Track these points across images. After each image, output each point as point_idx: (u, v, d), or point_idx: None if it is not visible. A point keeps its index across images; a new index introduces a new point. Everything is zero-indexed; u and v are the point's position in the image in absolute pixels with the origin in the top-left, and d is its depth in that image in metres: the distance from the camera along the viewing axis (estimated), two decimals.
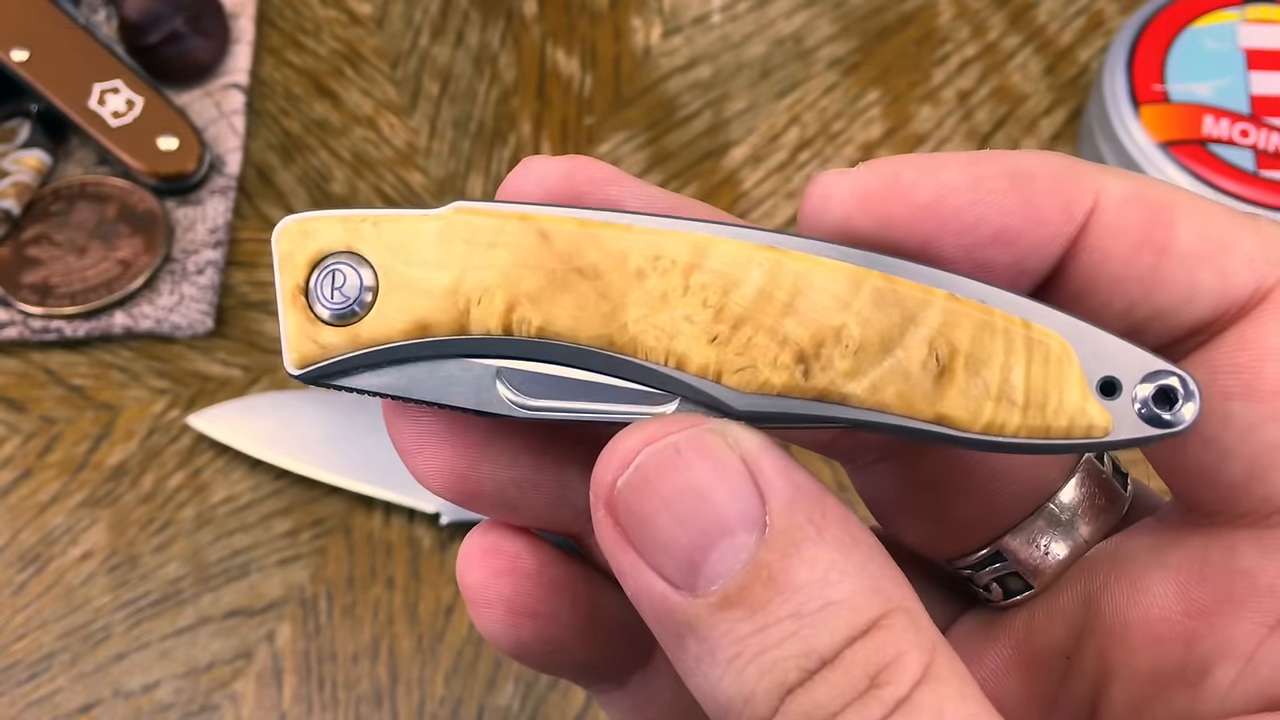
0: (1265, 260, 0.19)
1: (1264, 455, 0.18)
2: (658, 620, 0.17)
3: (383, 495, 0.44)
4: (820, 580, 0.17)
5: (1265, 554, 0.19)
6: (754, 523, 0.17)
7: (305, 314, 0.19)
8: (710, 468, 0.17)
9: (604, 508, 0.18)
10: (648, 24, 0.55)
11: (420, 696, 0.41)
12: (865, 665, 0.17)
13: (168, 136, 0.49)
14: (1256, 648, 0.18)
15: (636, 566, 0.17)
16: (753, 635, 0.17)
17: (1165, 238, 0.19)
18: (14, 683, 0.42)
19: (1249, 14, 0.49)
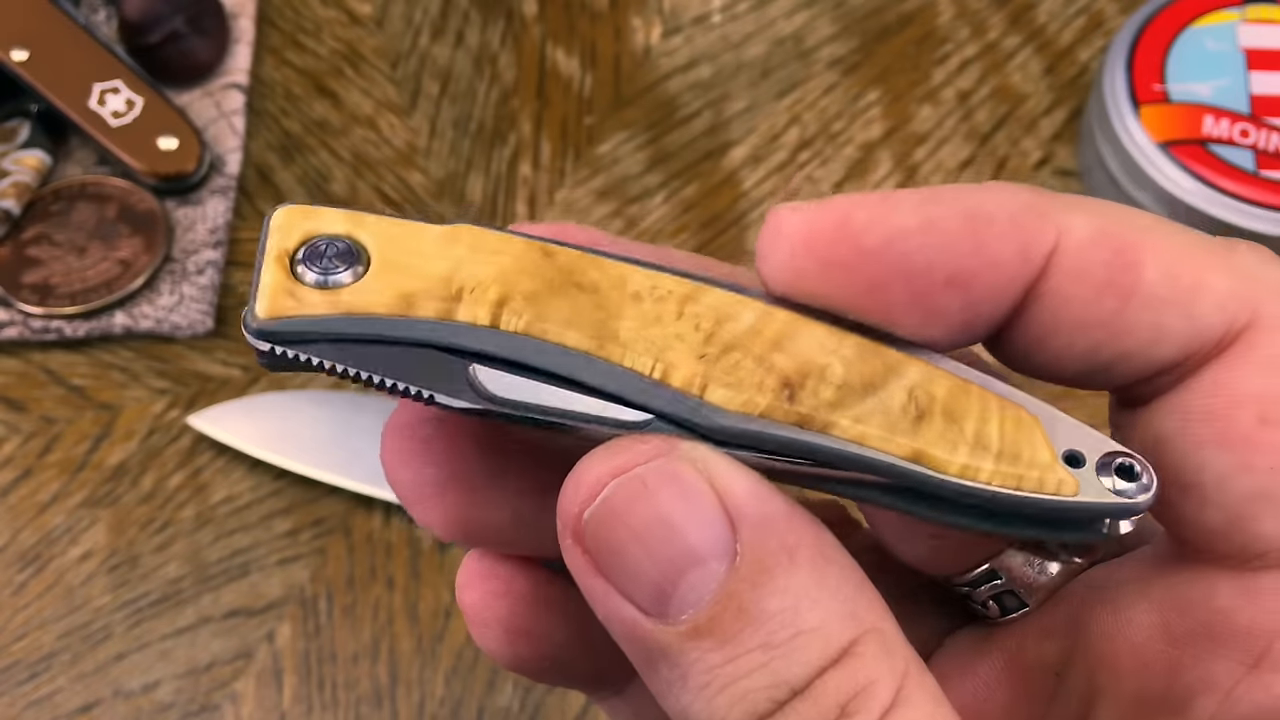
0: (1236, 300, 0.18)
1: (1239, 505, 0.18)
2: (629, 644, 0.17)
3: (383, 495, 0.44)
4: (791, 608, 0.17)
5: (1243, 595, 0.18)
6: (724, 551, 0.17)
7: (287, 273, 0.18)
8: (679, 498, 0.17)
9: (571, 536, 0.17)
10: (648, 24, 0.55)
11: (420, 696, 0.41)
12: (836, 695, 0.16)
13: (168, 136, 0.49)
14: (1235, 685, 0.18)
15: (606, 593, 0.17)
16: (723, 665, 0.17)
17: (1131, 281, 0.18)
18: (14, 683, 0.42)
19: (1249, 14, 0.49)
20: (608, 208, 0.50)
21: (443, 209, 0.50)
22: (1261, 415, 0.18)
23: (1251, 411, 0.18)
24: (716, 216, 0.50)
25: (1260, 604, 0.18)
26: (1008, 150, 0.51)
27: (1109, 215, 0.19)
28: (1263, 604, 0.18)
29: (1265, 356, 0.18)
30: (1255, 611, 0.18)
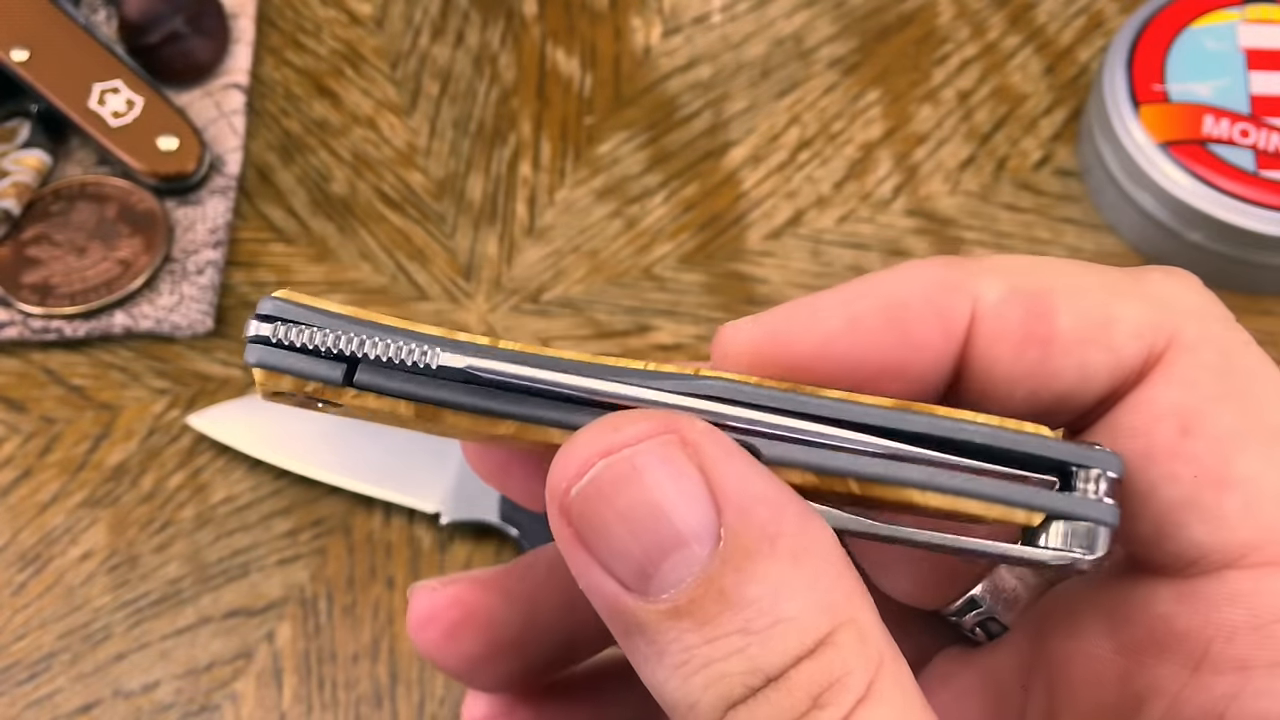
0: (1151, 327, 0.19)
1: (1167, 514, 0.19)
2: (609, 617, 0.18)
3: (383, 495, 0.44)
4: (770, 595, 0.17)
5: (1180, 601, 0.19)
6: (708, 535, 0.17)
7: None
8: (667, 481, 0.17)
9: (558, 511, 0.18)
10: (648, 24, 0.55)
11: (420, 696, 0.41)
12: (809, 685, 0.17)
13: (168, 136, 0.49)
14: (1180, 689, 0.19)
15: (589, 566, 0.18)
16: (701, 646, 0.17)
17: (1047, 329, 0.19)
18: (14, 683, 0.42)
19: (1249, 14, 0.49)
20: (608, 208, 0.50)
21: (443, 209, 0.50)
22: (1183, 427, 0.19)
23: (1172, 424, 0.19)
24: (716, 216, 0.50)
25: (1196, 609, 0.19)
26: (1008, 150, 0.51)
27: (1018, 271, 0.20)
28: (1198, 609, 0.19)
29: (1183, 373, 0.19)
30: (1192, 616, 0.19)
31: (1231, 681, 0.19)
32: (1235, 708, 0.19)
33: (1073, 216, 0.50)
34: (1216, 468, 0.19)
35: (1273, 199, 0.45)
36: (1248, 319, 0.51)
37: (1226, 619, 0.19)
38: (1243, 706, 0.18)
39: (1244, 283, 0.47)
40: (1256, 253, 0.46)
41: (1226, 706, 0.19)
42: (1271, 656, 0.18)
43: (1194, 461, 0.19)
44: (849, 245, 0.49)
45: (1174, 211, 0.46)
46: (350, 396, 0.19)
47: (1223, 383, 0.19)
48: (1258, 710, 0.18)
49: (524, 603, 0.24)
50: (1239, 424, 0.19)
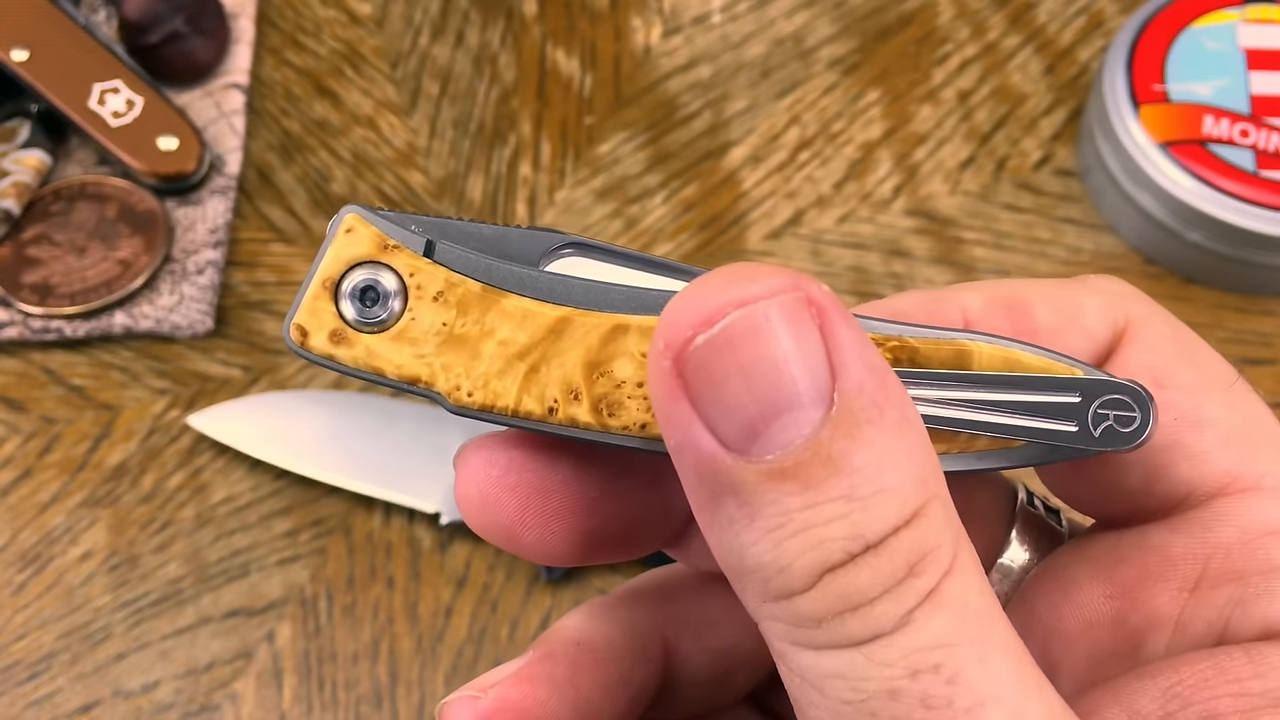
0: (1111, 309, 0.22)
1: (1152, 457, 0.21)
2: (699, 476, 0.17)
3: (383, 495, 0.44)
4: (876, 464, 0.17)
5: (1174, 531, 0.21)
6: (822, 399, 0.17)
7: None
8: (794, 340, 0.17)
9: (671, 358, 0.17)
10: (648, 24, 0.55)
11: (420, 696, 0.41)
12: (907, 554, 0.17)
13: (168, 136, 0.49)
14: (1180, 612, 0.21)
15: (690, 421, 0.17)
16: (802, 510, 0.17)
17: (1030, 324, 0.22)
18: (14, 683, 0.42)
19: (1249, 14, 0.49)
20: (608, 208, 0.50)
21: (443, 209, 0.50)
22: (1156, 382, 0.21)
23: (1147, 381, 0.21)
24: (716, 216, 0.50)
25: (1190, 533, 0.21)
26: (1008, 150, 0.51)
27: (988, 287, 0.23)
28: (1191, 533, 0.21)
29: (1145, 342, 0.22)
30: (1186, 541, 0.21)
31: (1230, 591, 0.20)
32: (1238, 613, 0.20)
33: (1073, 216, 0.50)
34: (1191, 412, 0.21)
35: (1273, 199, 0.45)
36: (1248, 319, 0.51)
37: (1219, 537, 0.21)
38: (1245, 611, 0.20)
39: (1244, 283, 0.47)
40: (1256, 253, 0.46)
41: (1230, 614, 0.20)
42: (1266, 564, 0.20)
43: (1171, 408, 0.21)
44: (849, 245, 0.49)
45: (1174, 211, 0.46)
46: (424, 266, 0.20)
47: (1177, 347, 0.22)
48: (1259, 612, 0.20)
49: (570, 689, 0.24)
50: (1199, 377, 0.22)
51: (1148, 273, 0.48)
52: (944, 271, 0.48)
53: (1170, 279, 0.48)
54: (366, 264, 0.20)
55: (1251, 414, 0.21)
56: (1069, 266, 0.48)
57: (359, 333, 0.20)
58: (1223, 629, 0.20)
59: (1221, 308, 0.47)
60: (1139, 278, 0.48)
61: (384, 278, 0.20)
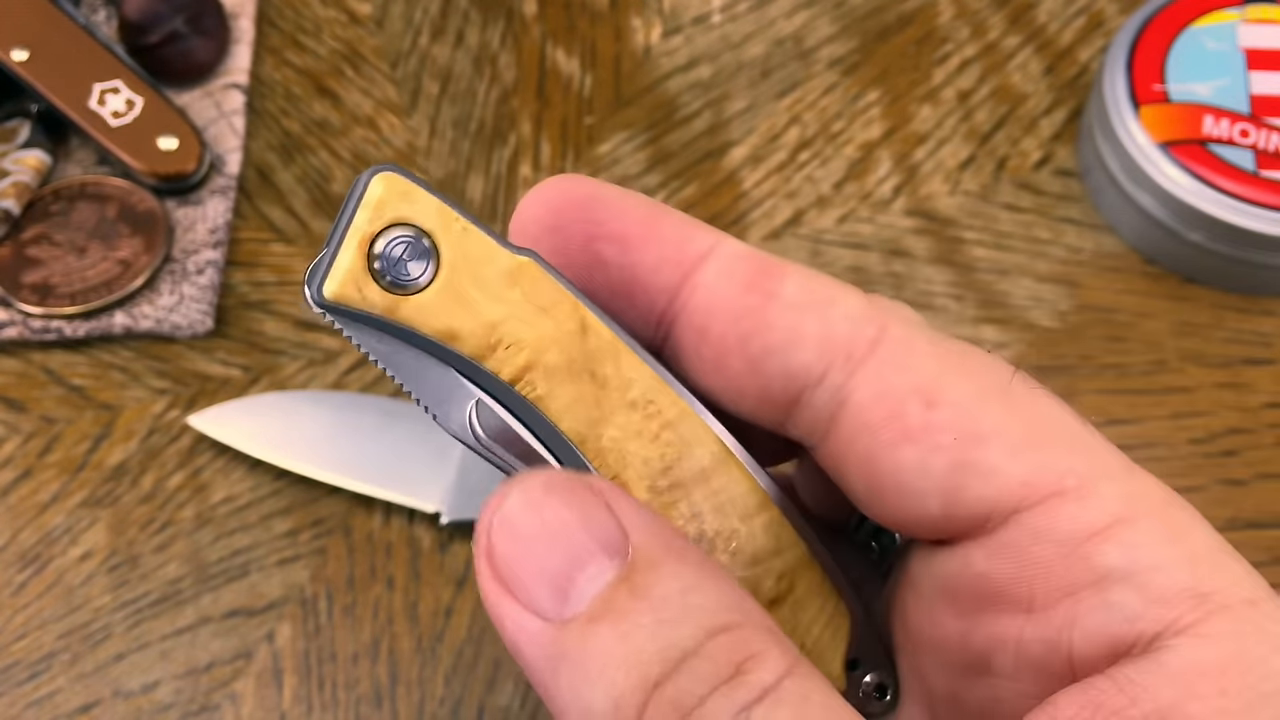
0: (865, 317, 0.21)
1: (945, 483, 0.20)
2: (536, 657, 0.19)
3: (383, 495, 0.44)
4: (680, 592, 0.18)
5: (992, 558, 0.20)
6: (617, 550, 0.18)
7: (363, 261, 0.20)
8: (576, 503, 0.19)
9: (484, 557, 0.19)
10: (648, 24, 0.55)
11: (420, 696, 0.41)
12: (729, 654, 0.18)
13: (168, 136, 0.49)
14: (1020, 634, 0.20)
15: (514, 609, 0.19)
16: (617, 643, 0.18)
17: (773, 286, 0.21)
18: (14, 683, 0.42)
19: (1249, 14, 0.49)
20: None
21: None
22: (927, 402, 0.20)
23: (917, 402, 0.20)
24: (716, 216, 0.50)
25: (1007, 559, 0.20)
26: (1008, 150, 0.51)
27: (759, 250, 0.22)
28: (1009, 558, 0.20)
29: (903, 359, 0.21)
30: (1006, 565, 0.20)
31: (1065, 610, 0.20)
32: (1079, 633, 0.19)
33: (1073, 216, 0.50)
34: (969, 427, 0.20)
35: (1273, 199, 0.45)
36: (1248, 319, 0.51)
37: (1037, 557, 0.20)
38: (1085, 629, 0.19)
39: (1244, 283, 0.47)
40: (1256, 253, 0.46)
41: (1070, 635, 0.20)
42: (1091, 575, 0.19)
43: (948, 427, 0.20)
44: (849, 245, 0.49)
45: (1174, 211, 0.46)
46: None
47: (942, 361, 0.21)
48: (1099, 628, 0.19)
49: None
50: (971, 388, 0.21)
51: (1148, 273, 0.48)
52: (943, 271, 0.48)
53: (1170, 279, 0.48)
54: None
55: (1036, 413, 0.21)
56: (1069, 266, 0.48)
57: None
58: (1069, 649, 0.20)
59: (1221, 308, 0.47)
60: (1139, 278, 0.48)
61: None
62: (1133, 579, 0.19)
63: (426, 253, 0.20)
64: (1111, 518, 0.20)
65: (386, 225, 0.20)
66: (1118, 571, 0.19)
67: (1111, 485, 0.20)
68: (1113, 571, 0.19)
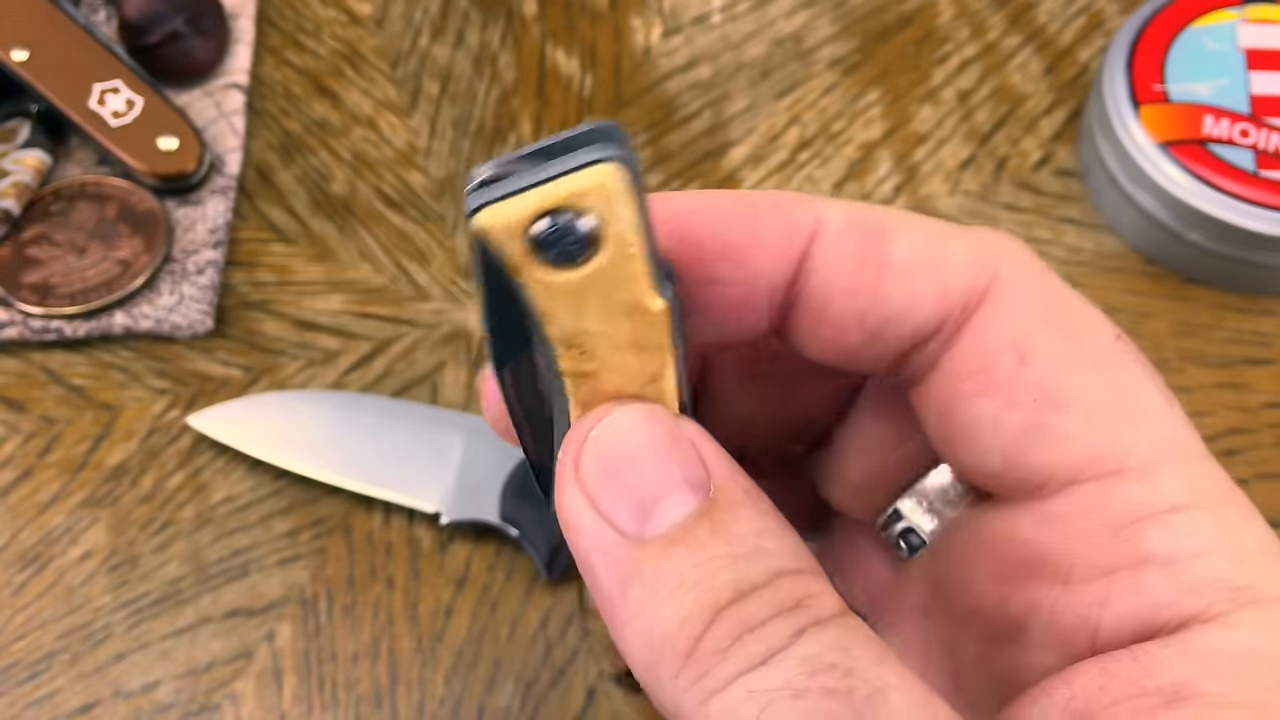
0: (977, 264, 0.21)
1: (1012, 441, 0.21)
2: (607, 570, 0.19)
3: (383, 495, 0.44)
4: (754, 534, 0.19)
5: (1039, 525, 0.21)
6: (700, 485, 0.19)
7: (531, 219, 0.19)
8: (670, 436, 0.20)
9: (572, 463, 0.20)
10: (648, 24, 0.55)
11: (420, 696, 0.41)
12: (793, 592, 0.19)
13: (168, 136, 0.49)
14: (1054, 604, 0.21)
15: (593, 520, 0.19)
16: (692, 569, 0.19)
17: (883, 254, 0.21)
18: (14, 683, 0.42)
19: (1249, 14, 0.49)
20: None
21: (443, 209, 0.50)
22: (1019, 357, 0.20)
23: (1008, 357, 0.21)
24: None
25: (1054, 528, 0.20)
26: (1008, 150, 0.51)
27: (859, 207, 0.22)
28: (1056, 527, 0.20)
29: (1010, 309, 0.21)
30: (1053, 536, 0.20)
31: (1100, 588, 0.20)
32: (1109, 613, 0.20)
33: (1073, 216, 0.50)
34: (1053, 391, 0.20)
35: (1273, 199, 0.45)
36: (1248, 319, 0.51)
37: (1084, 530, 0.20)
38: (1114, 609, 0.20)
39: (1244, 283, 0.47)
40: (1256, 253, 0.46)
41: (1100, 613, 0.20)
42: (1131, 557, 0.20)
43: (1032, 387, 0.20)
44: None
45: (1174, 211, 0.46)
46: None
47: (1047, 316, 0.21)
48: (1128, 608, 0.20)
49: None
50: (1067, 351, 0.20)
51: (1148, 273, 0.48)
52: None
53: (1170, 279, 0.48)
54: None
55: (1122, 383, 0.20)
56: (1069, 266, 0.48)
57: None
58: (1096, 627, 0.20)
59: (1221, 308, 0.47)
60: (1139, 278, 0.48)
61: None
62: (1171, 566, 0.19)
63: (586, 248, 0.19)
64: (1166, 504, 0.20)
65: (575, 209, 0.19)
66: (1158, 557, 0.19)
67: (1174, 471, 0.20)
68: (1153, 556, 0.19)
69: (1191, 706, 0.18)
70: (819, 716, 0.17)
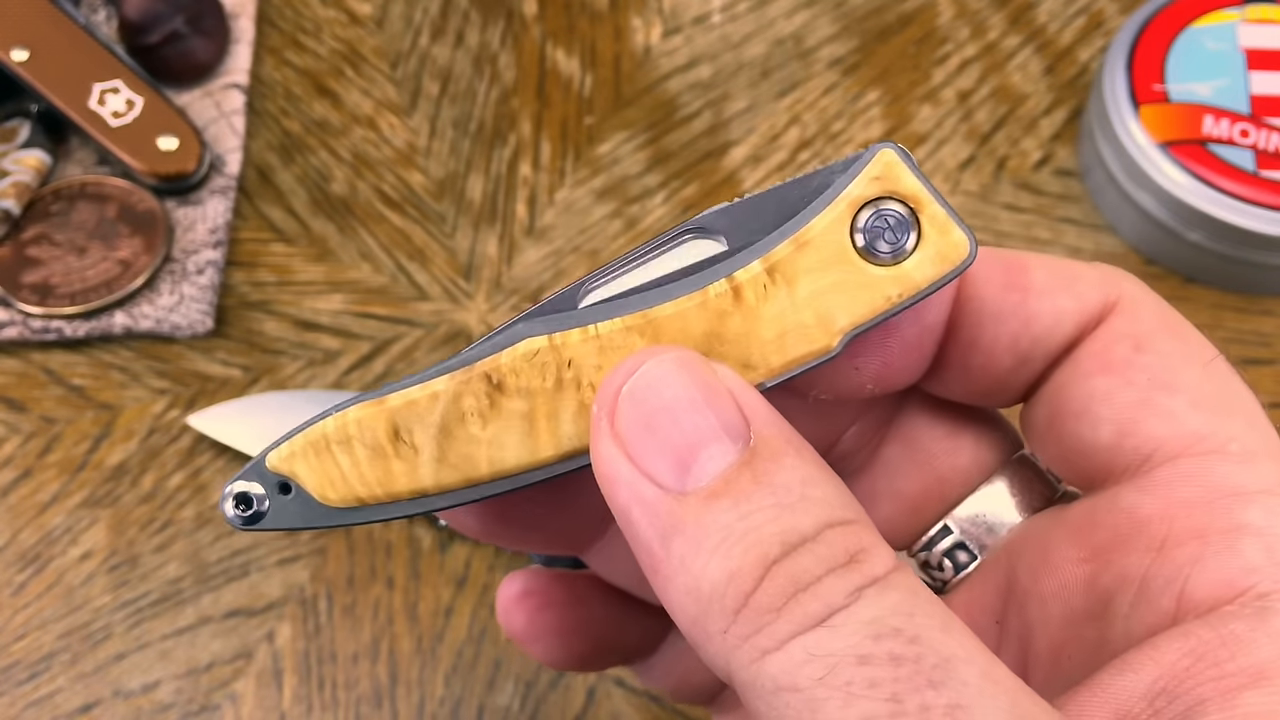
0: (1105, 283, 0.23)
1: (1125, 413, 0.22)
2: (647, 526, 0.19)
3: None
4: (799, 482, 0.19)
5: (1142, 492, 0.21)
6: (739, 434, 0.19)
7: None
8: (705, 385, 0.19)
9: (606, 417, 0.20)
10: (648, 24, 0.55)
11: (420, 696, 0.41)
12: (844, 545, 0.18)
13: (168, 136, 0.49)
14: (1145, 571, 0.21)
15: (632, 474, 0.19)
16: (738, 522, 0.18)
17: (1025, 281, 0.23)
18: (14, 683, 0.42)
19: (1249, 14, 0.49)
20: (608, 208, 0.50)
21: (443, 209, 0.50)
22: (1136, 346, 0.22)
23: (1128, 344, 0.22)
24: None
25: (1157, 494, 0.21)
26: (1008, 150, 0.51)
27: (989, 248, 0.24)
28: (1159, 494, 0.21)
29: (1131, 313, 0.23)
30: (1154, 501, 0.21)
31: (1192, 550, 0.21)
32: (1197, 571, 0.20)
33: (1073, 216, 0.50)
34: (1166, 376, 0.22)
35: (1273, 199, 0.45)
36: (1248, 319, 0.51)
37: (1184, 496, 0.21)
38: (1204, 568, 0.20)
39: (1244, 283, 0.47)
40: (1256, 253, 0.46)
41: (1190, 573, 0.20)
42: (1227, 523, 0.20)
43: (1147, 370, 0.22)
44: None
45: (1174, 211, 0.46)
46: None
47: (1161, 321, 0.23)
48: (1216, 568, 0.20)
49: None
50: (1179, 348, 0.22)
51: (1148, 273, 0.48)
52: None
53: (1170, 279, 0.48)
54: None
55: (1227, 387, 0.22)
56: None
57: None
58: (1181, 586, 0.20)
59: (1221, 308, 0.47)
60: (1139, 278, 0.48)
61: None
62: (1265, 538, 0.20)
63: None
64: (1263, 487, 0.21)
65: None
66: (1253, 527, 0.20)
67: (1272, 464, 0.21)
68: (1249, 526, 0.20)
69: (1275, 685, 0.19)
70: (885, 684, 0.17)
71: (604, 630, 0.28)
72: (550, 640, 0.27)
